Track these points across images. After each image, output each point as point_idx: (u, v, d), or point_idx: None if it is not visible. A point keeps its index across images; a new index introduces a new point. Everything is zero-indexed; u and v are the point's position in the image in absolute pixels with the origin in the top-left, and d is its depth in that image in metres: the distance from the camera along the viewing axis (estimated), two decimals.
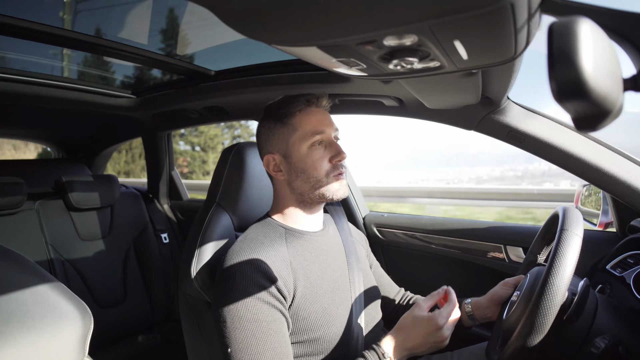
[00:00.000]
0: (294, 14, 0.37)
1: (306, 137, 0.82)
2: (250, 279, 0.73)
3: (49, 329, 0.46)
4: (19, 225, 1.52)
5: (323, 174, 0.83)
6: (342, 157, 0.84)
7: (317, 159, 0.82)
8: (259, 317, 0.71)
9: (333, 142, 0.85)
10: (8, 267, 0.49)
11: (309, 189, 0.84)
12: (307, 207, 0.88)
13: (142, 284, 1.81)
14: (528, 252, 0.93)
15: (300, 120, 0.83)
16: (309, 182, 0.83)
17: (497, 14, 0.35)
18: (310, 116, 0.84)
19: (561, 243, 0.63)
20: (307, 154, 0.82)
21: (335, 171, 0.83)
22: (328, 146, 0.84)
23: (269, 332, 0.70)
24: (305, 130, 0.82)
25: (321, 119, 0.84)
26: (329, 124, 0.85)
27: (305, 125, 0.83)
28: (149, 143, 2.01)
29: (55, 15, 1.01)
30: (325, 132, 0.84)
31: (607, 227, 1.07)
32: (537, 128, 0.94)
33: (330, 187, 0.83)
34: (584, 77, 0.28)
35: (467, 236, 1.31)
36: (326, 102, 0.87)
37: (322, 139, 0.84)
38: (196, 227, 0.94)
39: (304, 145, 0.82)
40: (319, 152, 0.83)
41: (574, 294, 0.66)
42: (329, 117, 0.87)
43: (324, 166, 0.83)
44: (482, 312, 0.92)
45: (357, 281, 0.89)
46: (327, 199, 0.85)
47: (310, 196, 0.85)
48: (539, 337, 0.60)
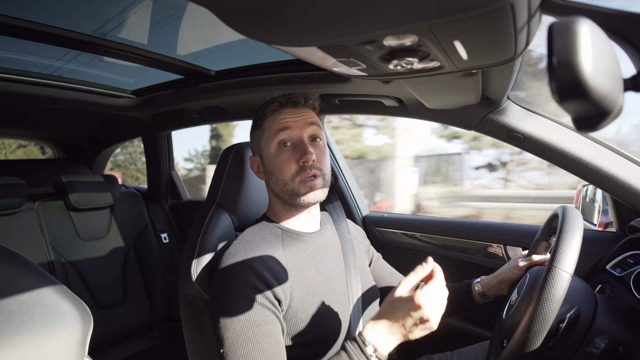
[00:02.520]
0: (294, 14, 0.37)
1: (271, 137, 0.80)
2: (244, 281, 0.73)
3: (49, 329, 0.46)
4: (19, 226, 1.52)
5: (289, 177, 0.79)
6: (307, 159, 0.78)
7: (282, 160, 0.80)
8: (250, 318, 0.70)
9: (302, 142, 0.80)
10: (8, 268, 0.49)
11: (279, 191, 0.82)
12: (291, 208, 0.85)
13: (142, 284, 1.80)
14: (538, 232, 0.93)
15: (269, 121, 0.82)
16: (277, 184, 0.81)
17: (497, 14, 0.35)
18: (279, 116, 0.81)
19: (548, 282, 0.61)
20: (275, 155, 0.80)
21: (303, 173, 0.79)
22: (297, 147, 0.80)
23: (260, 332, 0.70)
24: (271, 130, 0.81)
25: (290, 118, 0.80)
26: (299, 121, 0.81)
27: (272, 124, 0.81)
28: (149, 143, 2.01)
29: (55, 15, 1.01)
30: (293, 129, 0.80)
31: (607, 227, 1.07)
32: (537, 128, 0.94)
33: (297, 191, 0.80)
34: (584, 77, 0.28)
35: (467, 236, 1.31)
36: (305, 100, 0.83)
37: (288, 139, 0.80)
38: (196, 227, 0.94)
39: (271, 145, 0.81)
40: (286, 154, 0.80)
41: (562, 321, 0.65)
42: (307, 116, 0.83)
43: (291, 168, 0.79)
44: (493, 290, 0.93)
45: (354, 282, 0.88)
46: (297, 204, 0.82)
47: (285, 198, 0.82)
48: (538, 338, 0.60)
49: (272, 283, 0.74)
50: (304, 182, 0.79)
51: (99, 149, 2.24)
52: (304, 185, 0.79)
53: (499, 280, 0.92)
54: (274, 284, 0.74)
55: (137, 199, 1.94)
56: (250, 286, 0.72)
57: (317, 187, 0.80)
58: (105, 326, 1.61)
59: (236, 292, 0.72)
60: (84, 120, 1.91)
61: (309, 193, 0.80)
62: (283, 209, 0.87)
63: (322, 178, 0.81)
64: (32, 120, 1.87)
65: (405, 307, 0.66)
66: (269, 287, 0.73)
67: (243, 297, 0.71)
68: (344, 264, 0.90)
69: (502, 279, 0.92)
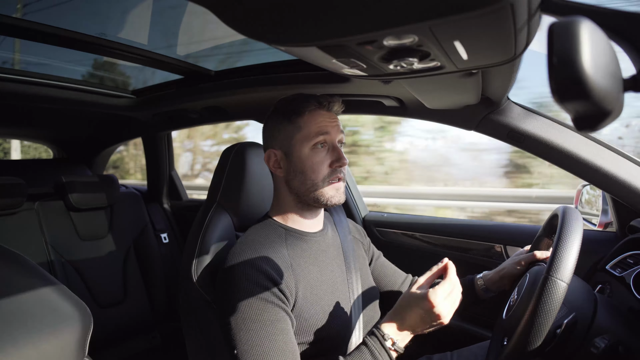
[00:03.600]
0: (294, 14, 0.37)
1: (309, 138, 0.81)
2: (253, 280, 0.73)
3: (49, 329, 0.46)
4: (18, 226, 1.52)
5: (320, 178, 0.81)
6: (343, 163, 0.82)
7: (317, 161, 0.81)
8: (263, 317, 0.70)
9: (336, 147, 0.83)
10: (8, 268, 0.49)
11: (304, 191, 0.83)
12: (305, 208, 0.87)
13: (142, 284, 1.80)
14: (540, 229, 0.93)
15: (307, 120, 0.82)
16: (305, 183, 0.82)
17: (497, 14, 0.35)
18: (317, 117, 0.82)
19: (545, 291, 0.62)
20: (308, 155, 0.82)
21: (333, 176, 0.82)
22: (330, 150, 0.83)
23: (274, 331, 0.70)
24: (310, 131, 0.81)
25: (328, 122, 0.83)
26: (336, 127, 0.84)
27: (310, 125, 0.82)
28: (149, 143, 2.01)
29: (55, 15, 1.01)
30: (330, 134, 0.82)
31: (606, 227, 1.07)
32: (537, 128, 0.94)
33: (325, 192, 0.82)
34: (584, 78, 0.28)
35: (467, 236, 1.31)
36: (338, 107, 0.86)
37: (325, 141, 0.82)
38: (196, 227, 0.94)
39: (307, 145, 0.81)
40: (320, 155, 0.82)
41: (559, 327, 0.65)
42: (337, 121, 0.86)
43: (323, 170, 0.82)
44: (496, 285, 0.94)
45: (355, 282, 0.89)
46: (322, 204, 0.84)
47: (305, 198, 0.84)
48: (538, 338, 0.60)
49: (279, 281, 0.74)
50: (332, 184, 0.82)
51: (99, 149, 2.24)
52: (332, 188, 0.83)
53: (501, 275, 0.93)
54: (280, 282, 0.75)
55: (137, 199, 1.94)
56: (259, 285, 0.72)
57: (341, 190, 0.84)
58: (105, 326, 1.61)
59: (245, 292, 0.72)
60: (84, 120, 1.91)
61: (335, 195, 0.83)
62: (295, 207, 0.87)
63: (344, 181, 0.85)
64: (32, 120, 1.87)
65: (420, 304, 0.69)
66: (277, 285, 0.74)
67: (253, 297, 0.72)
68: (345, 265, 0.90)
69: (504, 274, 0.92)
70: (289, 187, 0.85)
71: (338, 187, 0.83)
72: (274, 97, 0.91)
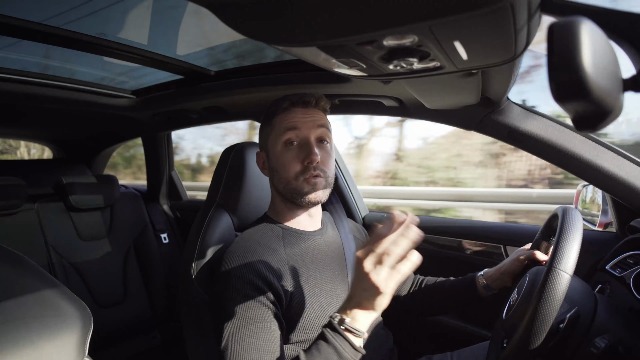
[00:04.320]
0: (294, 14, 0.38)
1: (279, 135, 0.81)
2: (244, 279, 0.73)
3: (49, 329, 0.46)
4: (18, 226, 1.52)
5: (292, 175, 0.80)
6: (312, 159, 0.79)
7: (287, 158, 0.81)
8: (248, 315, 0.70)
9: (307, 143, 0.81)
10: (8, 268, 0.49)
11: (282, 189, 0.83)
12: (292, 206, 0.86)
13: (142, 284, 1.80)
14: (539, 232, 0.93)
15: (279, 118, 0.83)
16: (280, 181, 0.83)
17: (497, 14, 0.35)
18: (289, 114, 0.82)
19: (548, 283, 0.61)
20: (280, 152, 0.82)
21: (307, 173, 0.80)
22: (302, 146, 0.81)
23: (257, 329, 0.69)
24: (280, 128, 0.82)
25: (300, 117, 0.81)
26: (308, 123, 0.81)
27: (281, 123, 0.82)
28: (148, 143, 2.01)
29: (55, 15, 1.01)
30: (300, 130, 0.81)
31: (606, 227, 1.07)
32: (537, 128, 0.94)
33: (300, 190, 0.81)
34: (583, 78, 0.28)
35: (466, 236, 1.31)
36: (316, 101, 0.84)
37: (296, 137, 0.81)
38: (196, 227, 0.94)
39: (278, 143, 0.82)
40: (291, 152, 0.81)
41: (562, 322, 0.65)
42: (316, 117, 0.83)
43: (295, 167, 0.80)
44: (497, 283, 0.93)
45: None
46: (301, 202, 0.82)
47: (287, 196, 0.84)
48: (538, 338, 0.60)
49: (272, 281, 0.74)
50: (307, 180, 0.80)
51: (99, 149, 2.24)
52: (307, 184, 0.80)
53: (502, 272, 0.93)
54: (274, 282, 0.74)
55: (137, 199, 1.94)
56: (250, 284, 0.73)
57: (319, 187, 0.81)
58: (105, 326, 1.61)
59: (235, 290, 0.72)
60: (84, 120, 1.91)
61: (311, 192, 0.81)
62: (285, 207, 0.87)
63: (325, 179, 0.82)
64: (32, 120, 1.87)
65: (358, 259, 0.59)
66: (269, 285, 0.73)
67: (242, 295, 0.72)
68: (346, 263, 0.90)
69: (504, 270, 0.92)
70: (274, 187, 0.87)
71: (313, 183, 0.80)
72: (274, 97, 0.91)
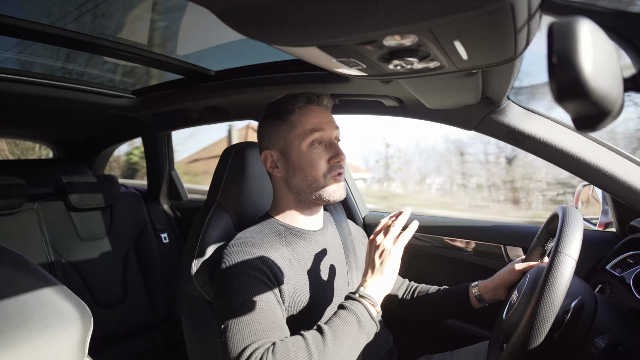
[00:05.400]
0: (294, 14, 0.37)
1: (305, 135, 0.82)
2: (247, 274, 0.73)
3: (49, 329, 0.46)
4: (18, 226, 1.52)
5: (321, 174, 0.82)
6: (341, 159, 0.83)
7: (315, 157, 0.82)
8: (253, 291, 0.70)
9: (333, 142, 0.84)
10: (8, 268, 0.49)
11: (305, 188, 0.83)
12: (305, 206, 0.87)
13: (142, 284, 1.80)
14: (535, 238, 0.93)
15: (299, 117, 0.83)
16: (306, 180, 0.82)
17: (497, 14, 0.35)
18: (310, 114, 0.83)
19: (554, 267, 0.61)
20: (306, 152, 0.82)
21: (334, 172, 0.83)
22: (327, 146, 0.83)
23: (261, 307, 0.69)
24: (305, 128, 0.82)
25: (321, 118, 0.84)
26: (330, 123, 0.84)
27: (305, 122, 0.82)
28: (148, 143, 2.01)
29: (55, 15, 1.01)
30: (326, 131, 0.83)
31: (607, 227, 1.07)
32: (537, 128, 0.94)
33: (327, 188, 0.83)
34: (583, 77, 0.28)
35: (466, 236, 1.31)
36: (327, 101, 0.86)
37: (322, 138, 0.83)
38: (196, 227, 0.94)
39: (304, 143, 0.82)
40: (317, 151, 0.82)
41: (566, 312, 0.65)
42: (330, 116, 0.86)
43: (322, 166, 0.82)
44: (491, 294, 0.93)
45: (356, 280, 0.89)
46: (324, 201, 0.84)
47: (307, 196, 0.84)
48: (538, 338, 0.60)
49: (274, 277, 0.74)
50: (335, 178, 0.83)
51: (99, 149, 2.24)
52: (334, 181, 0.83)
53: (497, 283, 0.92)
54: (276, 278, 0.75)
55: (137, 199, 1.94)
56: (254, 278, 0.72)
57: (342, 186, 0.85)
58: (105, 326, 1.61)
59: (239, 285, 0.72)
60: (84, 120, 1.91)
61: (337, 191, 0.84)
62: (295, 206, 0.87)
63: (343, 177, 0.86)
64: (32, 120, 1.87)
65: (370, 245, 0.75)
66: (272, 281, 0.74)
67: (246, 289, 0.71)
68: (346, 263, 0.90)
69: (499, 281, 0.92)
70: (288, 186, 0.85)
71: (339, 182, 0.84)
72: (274, 97, 0.91)
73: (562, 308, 0.64)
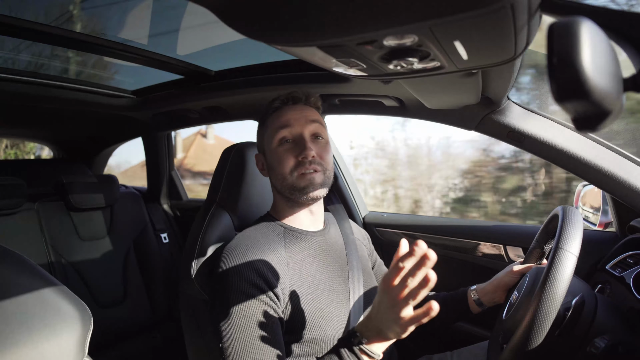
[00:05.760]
0: (294, 14, 0.37)
1: (273, 133, 0.83)
2: (244, 277, 0.73)
3: (49, 329, 0.46)
4: (18, 226, 1.52)
5: (287, 170, 0.81)
6: (306, 154, 0.80)
7: (282, 155, 0.82)
8: (248, 313, 0.71)
9: (301, 139, 0.82)
10: (8, 268, 0.49)
11: (280, 186, 0.84)
12: (293, 205, 0.86)
13: (142, 284, 1.80)
14: (534, 240, 0.93)
15: (272, 118, 0.85)
16: (277, 178, 0.84)
17: (497, 14, 0.35)
18: (281, 113, 0.84)
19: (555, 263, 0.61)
20: (275, 150, 0.83)
21: (301, 167, 0.80)
22: (297, 142, 0.83)
23: (257, 325, 0.70)
24: (273, 127, 0.84)
25: (292, 115, 0.83)
26: (300, 119, 0.83)
27: (274, 122, 0.84)
28: (148, 143, 2.01)
29: (55, 15, 1.01)
30: (294, 127, 0.82)
31: (607, 227, 1.07)
32: (537, 128, 0.94)
33: (296, 185, 0.81)
34: (584, 77, 0.28)
35: (466, 236, 1.31)
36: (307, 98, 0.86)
37: (289, 136, 0.82)
38: (196, 227, 0.94)
39: (273, 141, 0.83)
40: (284, 148, 0.82)
41: (567, 309, 0.65)
42: (305, 112, 0.85)
43: (289, 162, 0.81)
44: (489, 297, 0.92)
45: (356, 282, 0.88)
46: (298, 200, 0.83)
47: (286, 194, 0.84)
48: (538, 338, 0.60)
49: (271, 280, 0.74)
50: (303, 175, 0.80)
51: (99, 149, 2.24)
52: (303, 178, 0.81)
53: (495, 285, 0.92)
54: (273, 281, 0.75)
55: (137, 199, 1.94)
56: (249, 283, 0.73)
57: (316, 181, 0.81)
58: (105, 326, 1.61)
59: (235, 289, 0.73)
60: (84, 120, 1.91)
61: (308, 187, 0.80)
62: (286, 205, 0.88)
63: (323, 174, 0.82)
64: (32, 120, 1.87)
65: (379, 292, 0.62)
66: (268, 284, 0.74)
67: (242, 294, 0.72)
68: (347, 264, 0.90)
69: (498, 283, 0.92)
70: (273, 187, 0.88)
71: (310, 178, 0.81)
72: (274, 97, 0.91)
73: (563, 305, 0.64)
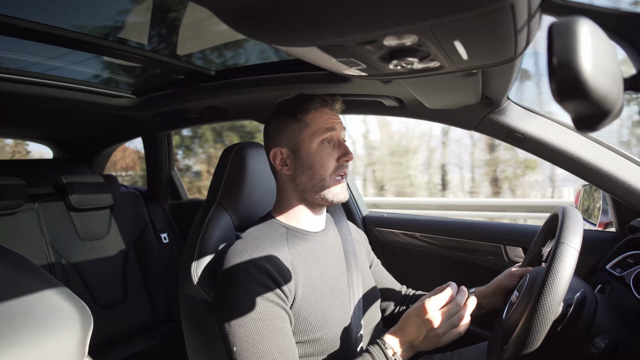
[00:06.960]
0: (294, 14, 0.37)
1: (318, 134, 0.83)
2: (252, 278, 0.73)
3: (49, 330, 0.46)
4: (18, 226, 1.52)
5: (328, 173, 0.84)
6: (350, 158, 0.85)
7: (325, 156, 0.84)
8: (262, 315, 0.71)
9: (342, 142, 0.86)
10: (8, 268, 0.49)
11: (312, 187, 0.84)
12: (309, 206, 0.88)
13: (142, 284, 1.80)
14: (532, 242, 0.93)
15: (313, 117, 0.85)
16: (313, 179, 0.84)
17: (497, 14, 0.35)
18: (323, 115, 0.85)
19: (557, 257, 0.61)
20: (317, 150, 0.84)
21: (340, 170, 0.85)
22: (337, 145, 0.86)
23: (273, 329, 0.71)
24: (318, 127, 0.84)
25: (333, 119, 0.86)
26: (339, 124, 0.87)
27: (318, 122, 0.84)
28: (149, 143, 2.01)
29: (55, 15, 1.01)
30: (336, 130, 0.85)
31: (607, 227, 1.07)
32: (537, 128, 0.94)
33: (332, 189, 0.84)
34: (584, 77, 0.28)
35: (466, 236, 1.31)
36: (339, 106, 0.89)
37: (332, 138, 0.85)
38: (196, 227, 0.94)
39: (315, 141, 0.84)
40: (327, 150, 0.84)
41: (569, 305, 0.65)
42: (340, 119, 0.89)
43: (331, 164, 0.84)
44: (488, 300, 0.92)
45: (355, 282, 0.89)
46: (328, 201, 0.85)
47: (312, 195, 0.85)
48: (538, 337, 0.60)
49: (279, 279, 0.75)
50: (338, 180, 0.85)
51: (99, 149, 2.24)
52: (338, 185, 0.85)
53: (494, 288, 0.92)
54: (280, 280, 0.75)
55: (137, 199, 1.94)
56: (259, 283, 0.73)
57: (346, 187, 0.87)
58: (106, 326, 1.61)
59: (245, 290, 0.73)
60: (84, 120, 1.91)
61: (341, 192, 0.86)
62: (299, 205, 0.88)
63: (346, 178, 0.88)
64: (32, 120, 1.87)
65: (416, 312, 0.73)
66: (276, 283, 0.74)
67: (253, 295, 0.72)
68: (346, 264, 0.90)
69: (497, 287, 0.91)
70: (295, 185, 0.86)
71: (343, 184, 0.86)
72: (274, 97, 0.91)
73: (565, 301, 0.64)
